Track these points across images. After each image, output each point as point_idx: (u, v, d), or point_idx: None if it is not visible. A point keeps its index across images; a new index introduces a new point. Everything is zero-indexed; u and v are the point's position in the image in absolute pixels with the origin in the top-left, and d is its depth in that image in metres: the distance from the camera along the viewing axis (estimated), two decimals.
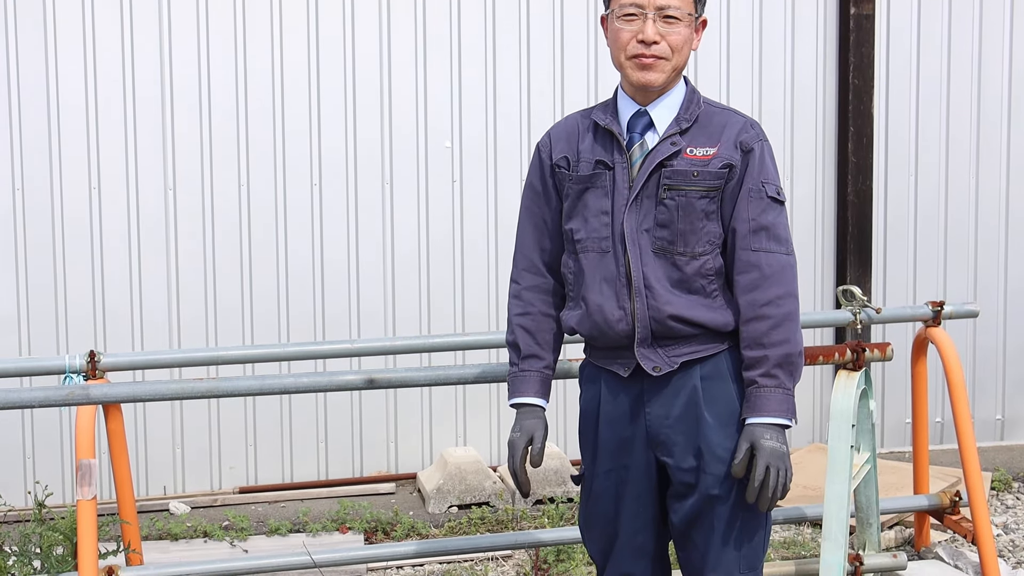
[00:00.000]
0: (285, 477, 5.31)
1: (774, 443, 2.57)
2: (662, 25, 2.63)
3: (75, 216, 5.04)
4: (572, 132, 2.79)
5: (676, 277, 2.66)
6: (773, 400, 2.60)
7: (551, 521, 4.79)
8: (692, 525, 2.71)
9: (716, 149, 2.66)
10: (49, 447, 5.10)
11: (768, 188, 2.67)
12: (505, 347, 4.79)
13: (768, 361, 2.61)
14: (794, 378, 2.64)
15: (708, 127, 2.69)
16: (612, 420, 2.75)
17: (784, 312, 2.63)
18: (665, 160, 2.65)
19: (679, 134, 2.67)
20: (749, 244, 2.65)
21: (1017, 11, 5.77)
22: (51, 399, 3.29)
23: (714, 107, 2.73)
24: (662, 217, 2.66)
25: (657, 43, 2.62)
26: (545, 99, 5.40)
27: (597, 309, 2.69)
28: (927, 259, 5.79)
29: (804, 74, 5.63)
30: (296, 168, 5.21)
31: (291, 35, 5.17)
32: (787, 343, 2.62)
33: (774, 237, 2.66)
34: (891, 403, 5.79)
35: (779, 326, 2.62)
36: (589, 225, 2.70)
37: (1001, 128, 5.81)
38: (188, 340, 5.15)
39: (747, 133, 2.68)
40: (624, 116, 2.72)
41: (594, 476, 2.79)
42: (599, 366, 2.79)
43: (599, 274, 2.69)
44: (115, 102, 5.04)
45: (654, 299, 2.65)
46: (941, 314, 4.05)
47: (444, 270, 5.36)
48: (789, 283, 2.65)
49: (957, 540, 4.57)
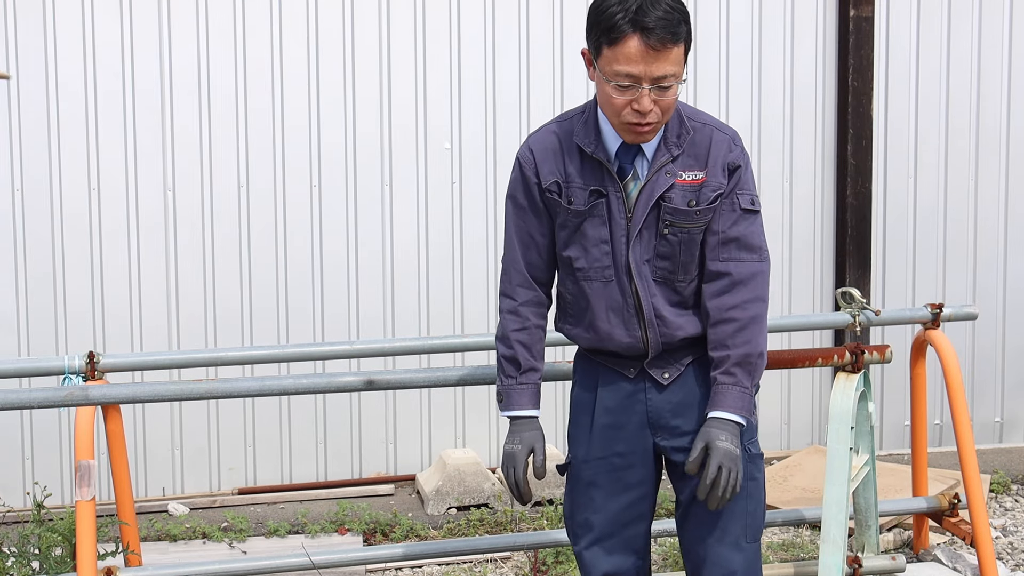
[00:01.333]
0: (284, 478, 5.31)
1: (727, 444, 2.64)
2: (656, 92, 2.55)
3: (74, 216, 5.04)
4: (556, 151, 2.74)
5: (676, 300, 2.74)
6: (730, 396, 2.67)
7: (550, 523, 4.80)
8: (697, 499, 2.75)
9: (705, 174, 2.67)
10: (48, 448, 5.09)
11: (742, 199, 2.70)
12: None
13: (729, 360, 2.68)
14: (752, 378, 2.70)
15: (694, 147, 2.69)
16: (610, 407, 2.80)
17: (750, 315, 2.69)
18: (664, 193, 2.66)
19: (671, 161, 2.67)
20: (719, 255, 2.71)
21: (1016, 13, 5.77)
22: (50, 400, 3.28)
23: (696, 121, 2.71)
24: (663, 250, 2.70)
25: (652, 111, 2.58)
26: (545, 100, 5.39)
27: (607, 336, 2.76)
28: (926, 261, 5.79)
29: (803, 76, 5.63)
30: (295, 169, 5.21)
31: (290, 35, 5.17)
32: (748, 344, 2.68)
33: (745, 247, 2.71)
34: (890, 405, 5.79)
35: (744, 329, 2.69)
36: (590, 255, 2.72)
37: (1000, 130, 5.81)
38: (187, 341, 5.15)
39: (732, 152, 2.70)
40: (610, 144, 2.68)
41: (584, 463, 2.83)
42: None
43: (604, 303, 2.74)
44: (115, 102, 5.04)
45: (666, 327, 2.73)
46: (940, 316, 4.05)
47: (443, 271, 5.36)
48: (757, 288, 2.71)
49: (956, 542, 4.58)
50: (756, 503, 2.81)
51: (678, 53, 2.54)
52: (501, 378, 2.83)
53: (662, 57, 2.51)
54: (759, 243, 2.72)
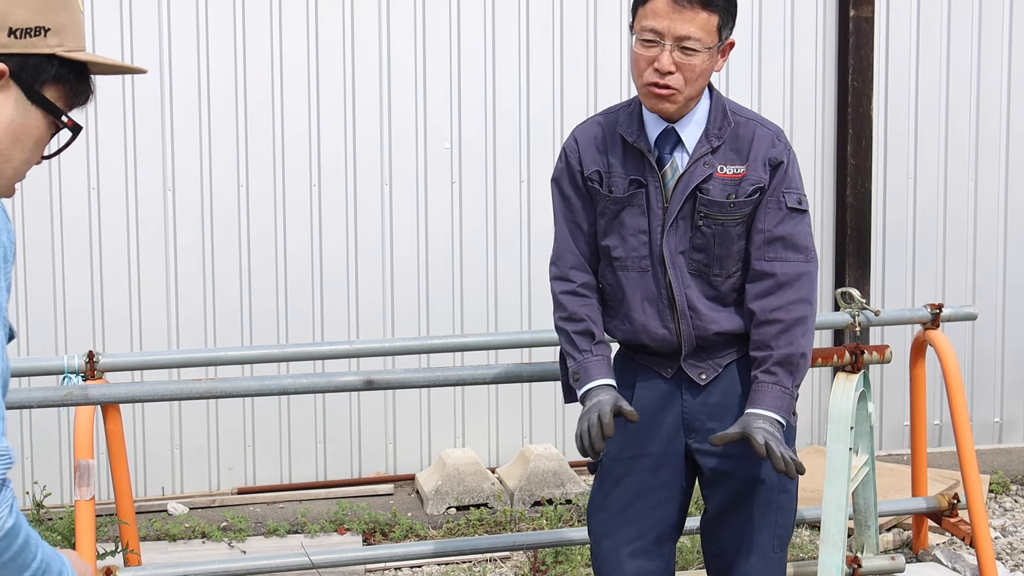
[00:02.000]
0: (283, 478, 5.30)
1: (766, 425, 2.59)
2: (679, 54, 2.56)
3: (74, 216, 5.04)
4: (600, 140, 2.74)
5: (712, 295, 2.71)
6: (769, 395, 2.64)
7: (549, 523, 4.79)
8: (729, 508, 2.74)
9: (746, 168, 2.65)
10: (47, 447, 5.09)
11: (788, 197, 2.67)
12: (500, 349, 4.82)
13: (770, 360, 2.65)
14: (794, 378, 2.65)
15: (736, 141, 2.67)
16: (645, 406, 2.76)
17: (794, 317, 2.65)
18: (700, 184, 2.64)
19: (711, 153, 2.65)
20: (763, 254, 2.67)
21: (1016, 14, 5.77)
22: (50, 399, 3.29)
23: (740, 116, 2.70)
24: (698, 242, 2.68)
25: (672, 73, 2.57)
26: (545, 100, 5.40)
27: (642, 328, 2.73)
28: (926, 261, 5.79)
29: (803, 76, 5.63)
30: (295, 168, 5.21)
31: (290, 35, 5.17)
32: (791, 344, 2.65)
33: (790, 246, 2.67)
34: (889, 405, 5.80)
35: (787, 330, 2.65)
36: (627, 244, 2.71)
37: (1000, 130, 5.81)
38: (187, 341, 5.15)
39: (775, 148, 2.67)
40: (651, 133, 2.68)
41: (615, 461, 2.78)
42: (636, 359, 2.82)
43: (639, 293, 2.72)
44: (114, 101, 5.04)
45: (699, 319, 2.70)
46: (940, 316, 4.05)
47: (443, 271, 5.36)
48: (803, 289, 2.67)
49: (955, 543, 4.57)
50: (787, 515, 2.78)
51: (708, 20, 2.55)
52: (574, 356, 2.74)
53: (687, 17, 2.53)
54: (806, 243, 2.69)
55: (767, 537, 2.75)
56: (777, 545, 2.77)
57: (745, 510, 2.75)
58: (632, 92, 5.43)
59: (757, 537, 2.75)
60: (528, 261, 5.40)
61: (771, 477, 2.71)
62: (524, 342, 4.08)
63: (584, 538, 3.88)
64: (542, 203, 5.40)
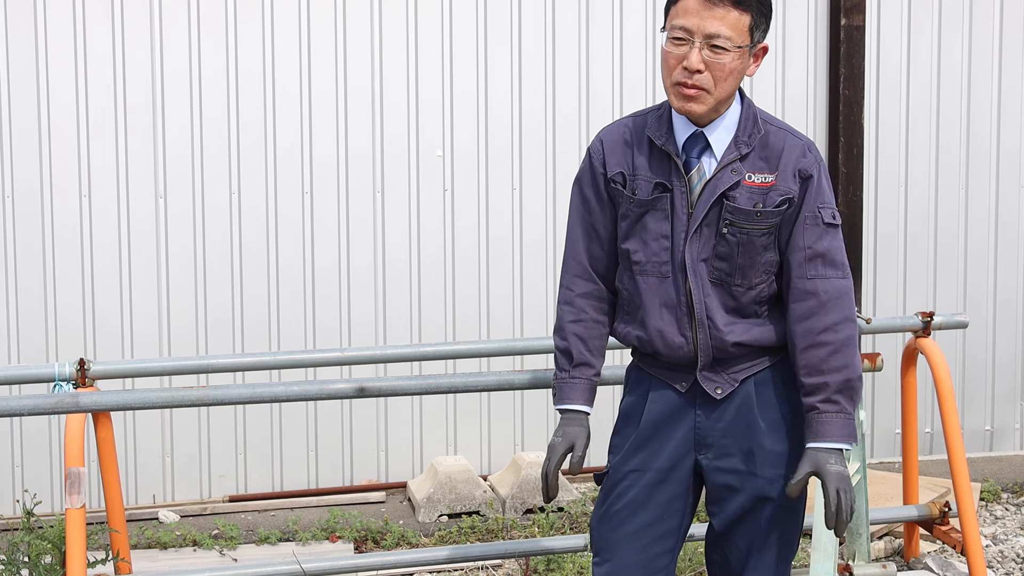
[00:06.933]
0: (275, 486, 5.30)
1: (839, 467, 2.58)
2: (708, 53, 2.54)
3: (65, 224, 5.03)
4: (626, 143, 2.72)
5: (732, 306, 2.67)
6: (835, 426, 2.61)
7: (541, 531, 4.79)
8: (735, 526, 2.72)
9: (775, 178, 2.63)
10: (38, 455, 5.08)
11: (824, 213, 2.65)
12: (493, 357, 4.82)
13: (829, 388, 2.62)
14: (854, 402, 2.64)
15: (765, 149, 2.64)
16: (657, 420, 2.74)
17: (842, 338, 2.63)
18: (727, 191, 2.62)
19: (739, 160, 2.63)
20: (805, 272, 2.64)
21: (1006, 23, 5.80)
22: (40, 407, 3.28)
23: (771, 125, 2.68)
24: (722, 250, 2.64)
25: (701, 72, 2.55)
26: (537, 108, 5.40)
27: (658, 335, 2.69)
28: (917, 270, 5.81)
29: (795, 85, 5.64)
30: (287, 176, 5.21)
31: (283, 42, 5.17)
32: (847, 368, 2.62)
33: (830, 263, 2.64)
34: (881, 413, 5.80)
35: (838, 352, 2.62)
36: (648, 248, 2.68)
37: (991, 139, 5.83)
38: (178, 348, 5.14)
39: (805, 159, 2.65)
40: (680, 136, 2.66)
41: (621, 474, 2.76)
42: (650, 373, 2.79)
43: (658, 299, 2.68)
44: (106, 110, 5.04)
45: (716, 330, 2.66)
46: (931, 325, 4.06)
47: (435, 279, 5.36)
48: (846, 308, 2.64)
49: (946, 551, 4.58)
50: (793, 533, 2.76)
51: (739, 19, 2.54)
52: (555, 371, 2.78)
53: (718, 15, 2.52)
54: (842, 258, 2.66)
55: (771, 556, 2.73)
56: (782, 563, 2.75)
57: (751, 529, 2.72)
58: (622, 101, 5.47)
59: (763, 556, 2.73)
60: (520, 269, 5.41)
61: (779, 495, 2.68)
62: (516, 350, 4.07)
63: (576, 546, 3.88)
64: (535, 211, 5.40)
